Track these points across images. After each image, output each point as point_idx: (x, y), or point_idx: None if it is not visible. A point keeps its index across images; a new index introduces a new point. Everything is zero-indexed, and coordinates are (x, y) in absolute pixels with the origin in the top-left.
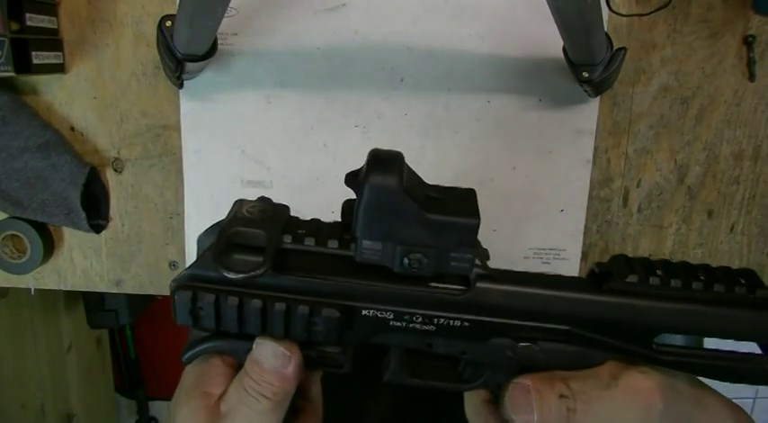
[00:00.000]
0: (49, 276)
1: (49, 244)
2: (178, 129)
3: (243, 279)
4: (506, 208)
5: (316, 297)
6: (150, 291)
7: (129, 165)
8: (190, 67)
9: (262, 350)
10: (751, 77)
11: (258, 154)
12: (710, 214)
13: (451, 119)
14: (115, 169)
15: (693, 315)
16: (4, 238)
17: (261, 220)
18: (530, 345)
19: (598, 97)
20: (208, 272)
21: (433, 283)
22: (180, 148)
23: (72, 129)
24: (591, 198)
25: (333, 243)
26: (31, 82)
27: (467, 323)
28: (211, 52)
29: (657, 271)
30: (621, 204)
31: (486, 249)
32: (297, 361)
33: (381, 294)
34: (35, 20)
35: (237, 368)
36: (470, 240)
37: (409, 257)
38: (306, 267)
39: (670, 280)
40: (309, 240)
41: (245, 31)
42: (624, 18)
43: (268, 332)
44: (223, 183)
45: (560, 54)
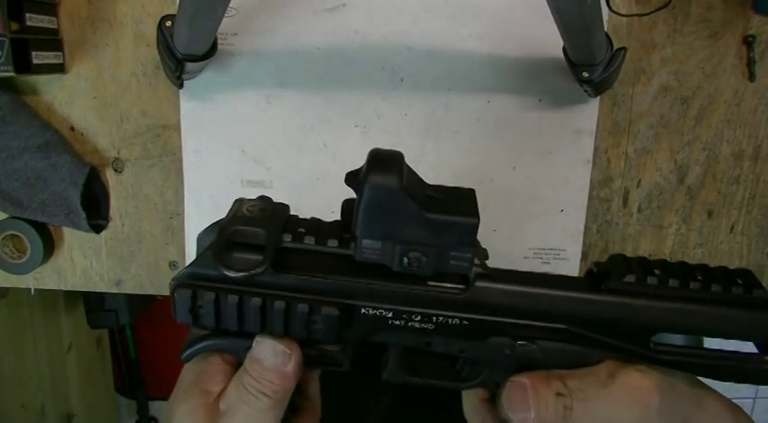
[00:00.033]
0: (49, 276)
1: (49, 244)
2: (178, 129)
3: (243, 277)
4: (506, 208)
5: (315, 295)
6: (150, 291)
7: (129, 165)
8: (190, 67)
9: (262, 348)
10: (751, 77)
11: (258, 154)
12: (710, 214)
13: (451, 119)
14: (115, 169)
15: (690, 314)
16: (4, 238)
17: (261, 219)
18: (528, 344)
19: (598, 97)
20: (208, 270)
21: (433, 282)
22: (180, 148)
23: (72, 129)
24: (591, 198)
25: (332, 242)
26: (31, 82)
27: (465, 322)
28: (211, 52)
29: (655, 271)
30: (621, 204)
31: (485, 249)
32: (297, 359)
33: (381, 293)
34: (35, 20)
35: (237, 366)
36: (470, 240)
37: (409, 256)
38: (305, 266)
39: (668, 280)
40: (309, 239)
41: (245, 31)
42: (624, 18)
43: (268, 330)
44: (223, 183)
45: (560, 54)
